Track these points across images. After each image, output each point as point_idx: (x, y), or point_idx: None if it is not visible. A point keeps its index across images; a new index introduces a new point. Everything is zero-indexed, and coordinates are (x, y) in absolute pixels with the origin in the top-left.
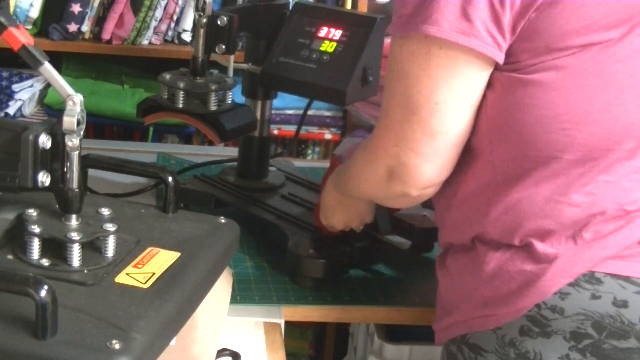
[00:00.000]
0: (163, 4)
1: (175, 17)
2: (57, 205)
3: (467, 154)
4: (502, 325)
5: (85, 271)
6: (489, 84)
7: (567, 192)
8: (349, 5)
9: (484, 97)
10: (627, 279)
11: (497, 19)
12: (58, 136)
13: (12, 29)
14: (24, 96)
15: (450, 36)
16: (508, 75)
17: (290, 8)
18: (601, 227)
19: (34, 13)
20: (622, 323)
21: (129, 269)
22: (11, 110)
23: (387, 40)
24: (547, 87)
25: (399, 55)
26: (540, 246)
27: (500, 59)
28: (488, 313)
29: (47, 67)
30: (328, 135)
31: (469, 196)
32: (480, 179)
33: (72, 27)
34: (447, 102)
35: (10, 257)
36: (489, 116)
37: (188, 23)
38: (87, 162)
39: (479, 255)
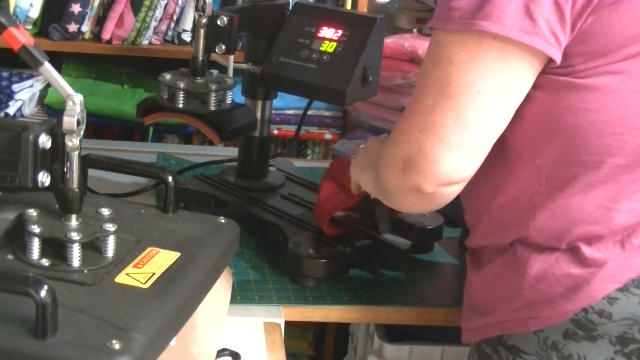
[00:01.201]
0: (163, 4)
1: (175, 17)
2: (57, 205)
3: (507, 157)
4: (544, 327)
5: (85, 271)
6: (536, 86)
7: (617, 198)
8: (349, 5)
9: (531, 99)
10: None
11: (561, 17)
12: (58, 136)
13: (12, 29)
14: (24, 96)
15: (513, 34)
16: (559, 79)
17: (290, 8)
18: None
19: (34, 13)
20: None
21: (129, 269)
22: (11, 110)
23: (388, 40)
24: (602, 92)
25: (445, 43)
26: (588, 251)
27: (559, 58)
28: (530, 315)
29: (47, 67)
30: (328, 136)
31: (509, 201)
32: (523, 183)
33: (72, 27)
34: (489, 92)
35: (10, 257)
36: (536, 119)
37: (188, 23)
38: (87, 162)
39: (521, 257)
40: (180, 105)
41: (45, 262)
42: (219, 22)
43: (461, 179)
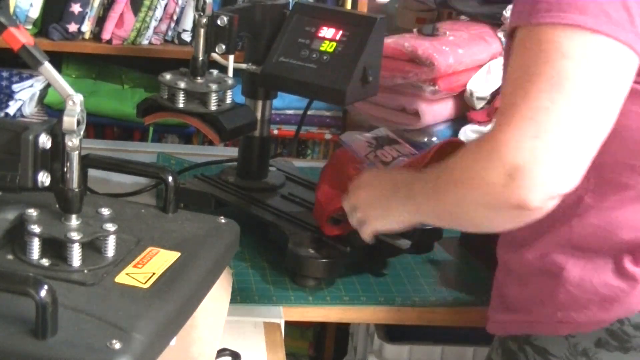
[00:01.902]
0: (163, 4)
1: (175, 17)
2: (57, 205)
3: None
4: (576, 333)
5: (86, 271)
6: None
7: None
8: (349, 5)
9: None
10: None
11: None
12: (58, 136)
13: (12, 29)
14: (24, 96)
15: (608, 29)
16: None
17: (290, 8)
18: None
19: (34, 13)
20: None
21: (129, 269)
22: (11, 110)
23: (388, 40)
24: None
25: (546, 39)
26: (630, 263)
27: None
28: (563, 319)
29: (47, 67)
30: (328, 135)
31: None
32: None
33: (72, 27)
34: (607, 89)
35: (10, 257)
36: None
37: (188, 23)
38: (87, 162)
39: (559, 261)
40: (181, 105)
41: (45, 262)
42: (219, 22)
43: (571, 188)
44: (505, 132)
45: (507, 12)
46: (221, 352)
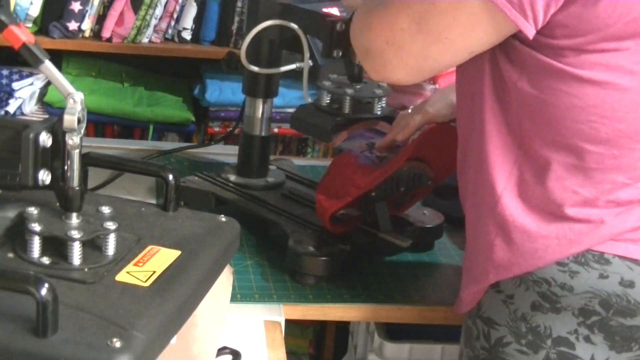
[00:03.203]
0: (163, 2)
1: (175, 15)
2: (58, 204)
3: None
4: (514, 297)
5: (86, 269)
6: (522, 61)
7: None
8: None
9: (513, 73)
10: (635, 261)
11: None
12: (59, 134)
13: (13, 27)
14: (24, 94)
15: None
16: (546, 61)
17: None
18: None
19: (34, 11)
20: (628, 302)
21: (130, 267)
22: (11, 108)
23: None
24: (586, 82)
25: None
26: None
27: (531, 35)
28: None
29: (48, 66)
30: None
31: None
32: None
33: (73, 25)
34: (457, 41)
35: (10, 255)
36: (520, 92)
37: (188, 21)
38: (87, 160)
39: (491, 236)
40: (350, 112)
41: (45, 260)
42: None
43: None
44: (368, 21)
45: None
46: (221, 350)
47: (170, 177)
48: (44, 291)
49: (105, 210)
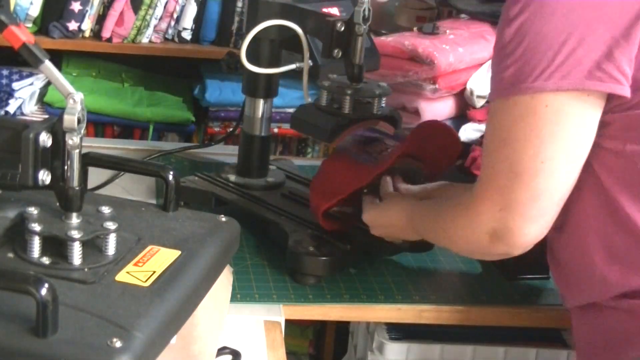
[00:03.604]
0: (163, 2)
1: (175, 16)
2: (58, 204)
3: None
4: None
5: (86, 269)
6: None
7: None
8: None
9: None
10: None
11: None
12: (58, 134)
13: (13, 27)
14: (24, 94)
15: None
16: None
17: None
18: None
19: (34, 11)
20: None
21: (130, 267)
22: (11, 108)
23: (388, 39)
24: None
25: (503, 121)
26: None
27: (627, 92)
28: None
29: (48, 66)
30: None
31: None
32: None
33: (73, 25)
34: (553, 158)
35: (10, 255)
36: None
37: (188, 21)
38: (87, 160)
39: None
40: (352, 112)
41: (45, 260)
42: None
43: (544, 234)
44: (479, 202)
45: None
46: (221, 350)
47: (170, 177)
48: (44, 291)
49: (105, 210)
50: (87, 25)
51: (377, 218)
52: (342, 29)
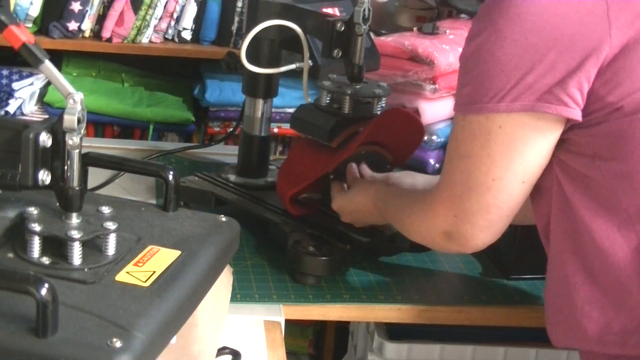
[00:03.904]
0: (163, 2)
1: (175, 16)
2: (58, 204)
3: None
4: None
5: (86, 269)
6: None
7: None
8: None
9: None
10: None
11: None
12: (58, 134)
13: (13, 27)
14: (24, 94)
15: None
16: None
17: None
18: None
19: (34, 11)
20: None
21: (130, 267)
22: (11, 108)
23: (388, 39)
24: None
25: (461, 135)
26: None
27: (578, 115)
28: None
29: (48, 66)
30: None
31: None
32: None
33: (72, 26)
34: (503, 178)
35: (10, 255)
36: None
37: (188, 21)
38: (87, 160)
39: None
40: (351, 112)
41: (45, 260)
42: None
43: (497, 238)
44: (437, 204)
45: None
46: (221, 350)
47: (170, 177)
48: (44, 291)
49: (105, 210)
50: (87, 25)
51: (345, 205)
52: (342, 29)
